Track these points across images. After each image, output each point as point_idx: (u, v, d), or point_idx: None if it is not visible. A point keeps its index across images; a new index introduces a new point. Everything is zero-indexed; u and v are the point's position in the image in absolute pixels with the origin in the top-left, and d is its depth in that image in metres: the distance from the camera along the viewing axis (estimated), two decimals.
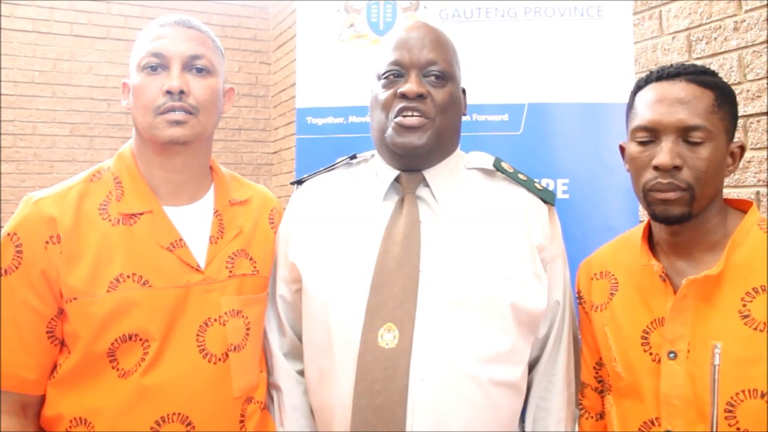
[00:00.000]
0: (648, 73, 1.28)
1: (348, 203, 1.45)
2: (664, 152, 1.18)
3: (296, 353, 1.47)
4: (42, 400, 1.31)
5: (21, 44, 4.63)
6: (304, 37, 2.05)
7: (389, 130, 1.37)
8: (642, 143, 1.23)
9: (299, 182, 1.60)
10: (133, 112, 1.36)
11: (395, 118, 1.35)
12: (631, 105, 1.30)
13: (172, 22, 1.38)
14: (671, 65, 1.26)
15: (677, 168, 1.17)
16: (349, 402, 1.25)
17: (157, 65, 1.33)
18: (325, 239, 1.42)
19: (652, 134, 1.21)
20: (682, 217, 1.19)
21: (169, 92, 1.30)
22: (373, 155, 1.52)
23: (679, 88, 1.21)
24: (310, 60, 2.03)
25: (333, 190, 1.50)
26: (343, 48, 2.01)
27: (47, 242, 1.26)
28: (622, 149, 1.33)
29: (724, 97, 1.21)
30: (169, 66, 1.33)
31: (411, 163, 1.41)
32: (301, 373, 1.45)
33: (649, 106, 1.22)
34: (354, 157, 1.56)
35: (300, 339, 1.45)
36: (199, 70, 1.36)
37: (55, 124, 4.75)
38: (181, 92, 1.31)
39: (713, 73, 1.25)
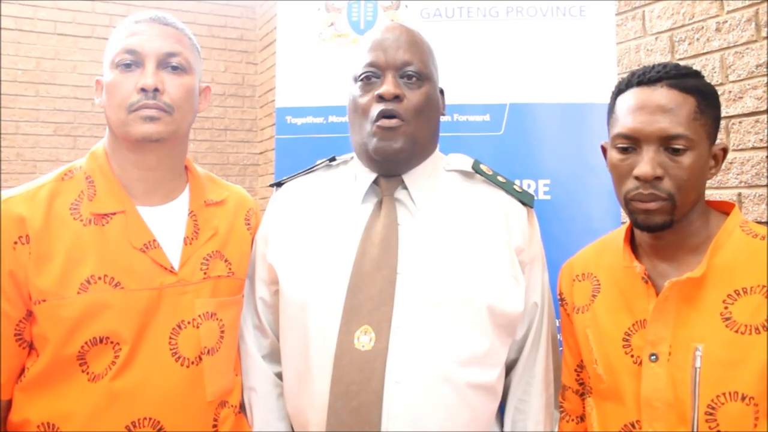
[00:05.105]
0: (629, 74, 1.26)
1: (327, 205, 1.44)
2: (645, 162, 1.16)
3: (276, 356, 1.45)
4: (9, 405, 1.28)
5: (4, 42, 4.58)
6: (285, 35, 2.03)
7: (369, 136, 1.36)
8: (623, 151, 1.21)
9: (278, 184, 1.60)
10: (106, 110, 1.33)
11: (376, 122, 1.35)
12: (611, 109, 1.28)
13: (148, 19, 1.35)
14: (653, 67, 1.23)
15: (658, 178, 1.16)
16: (325, 404, 1.25)
17: (131, 62, 1.31)
18: (303, 241, 1.41)
19: (632, 142, 1.19)
20: (664, 225, 1.18)
21: (143, 90, 1.28)
22: (352, 157, 1.52)
23: (660, 95, 1.18)
24: (291, 59, 2.02)
25: (312, 192, 1.50)
26: (323, 47, 2.00)
27: (16, 242, 1.23)
28: (604, 150, 1.32)
29: (706, 102, 1.19)
30: (143, 63, 1.31)
31: (389, 168, 1.40)
32: (280, 375, 1.44)
33: (629, 113, 1.20)
34: (333, 159, 1.55)
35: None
36: (175, 68, 1.33)
37: (39, 124, 4.71)
38: (156, 90, 1.29)
39: (696, 74, 1.23)
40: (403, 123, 1.34)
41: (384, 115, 1.34)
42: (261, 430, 1.41)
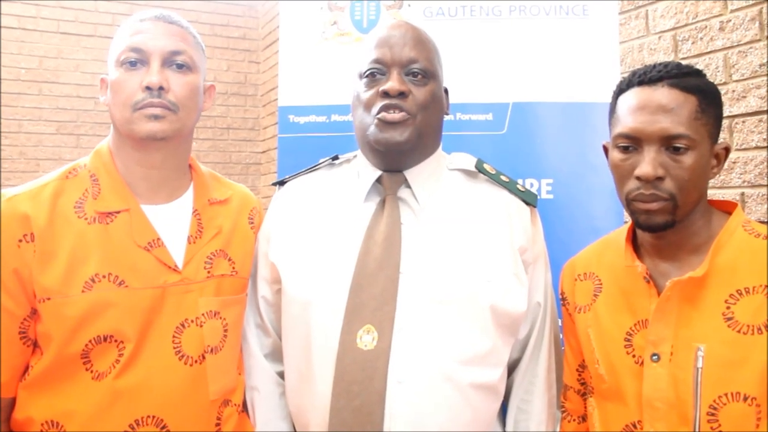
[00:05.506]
0: (630, 73, 1.25)
1: (329, 204, 1.44)
2: (646, 163, 1.16)
3: (278, 355, 1.46)
4: (13, 403, 1.28)
5: (7, 41, 4.59)
6: (288, 34, 2.03)
7: (371, 128, 1.36)
8: (624, 151, 1.20)
9: (281, 183, 1.60)
10: (110, 108, 1.34)
11: (377, 114, 1.35)
12: (613, 108, 1.27)
13: (152, 17, 1.35)
14: (654, 66, 1.23)
15: (660, 178, 1.16)
16: (327, 403, 1.25)
17: (136, 60, 1.31)
18: (305, 240, 1.41)
19: (634, 142, 1.19)
20: (666, 225, 1.18)
21: (148, 88, 1.28)
22: (355, 156, 1.52)
23: (661, 95, 1.18)
24: (293, 58, 2.02)
25: (314, 190, 1.50)
26: (326, 46, 2.00)
27: (20, 240, 1.23)
28: (605, 149, 1.32)
29: (707, 101, 1.19)
30: (148, 61, 1.31)
31: (392, 162, 1.40)
32: (282, 375, 1.44)
33: (630, 114, 1.20)
34: (336, 158, 1.55)
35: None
36: (180, 66, 1.34)
37: (42, 122, 4.71)
38: (161, 88, 1.29)
39: (697, 73, 1.22)
40: (410, 117, 1.35)
41: (387, 108, 1.34)
42: (263, 430, 1.41)
